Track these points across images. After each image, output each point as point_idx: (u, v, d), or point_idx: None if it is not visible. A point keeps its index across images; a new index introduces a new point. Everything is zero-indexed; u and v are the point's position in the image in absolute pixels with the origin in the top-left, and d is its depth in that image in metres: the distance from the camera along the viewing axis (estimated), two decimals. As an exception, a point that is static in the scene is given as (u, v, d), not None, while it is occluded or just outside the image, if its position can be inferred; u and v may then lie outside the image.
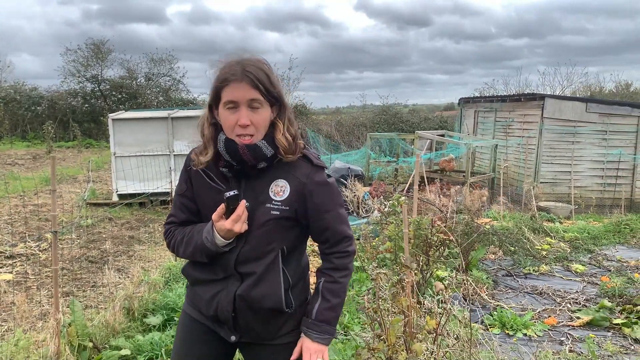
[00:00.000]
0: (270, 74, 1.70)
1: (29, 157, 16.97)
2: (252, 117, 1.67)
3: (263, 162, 1.73)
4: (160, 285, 4.96)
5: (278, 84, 1.74)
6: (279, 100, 1.75)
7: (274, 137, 1.73)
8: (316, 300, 1.85)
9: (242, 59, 1.70)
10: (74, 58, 25.93)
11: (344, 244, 1.87)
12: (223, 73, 1.67)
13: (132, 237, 7.65)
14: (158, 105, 25.42)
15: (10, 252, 6.41)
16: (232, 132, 1.69)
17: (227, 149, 1.70)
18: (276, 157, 1.75)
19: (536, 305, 5.12)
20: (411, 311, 2.85)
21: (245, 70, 1.65)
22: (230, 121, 1.68)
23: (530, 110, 12.55)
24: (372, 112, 27.47)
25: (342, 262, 1.87)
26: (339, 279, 1.86)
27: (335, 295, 1.85)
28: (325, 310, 1.83)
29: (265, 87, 1.67)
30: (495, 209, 9.52)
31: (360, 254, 5.60)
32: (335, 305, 1.85)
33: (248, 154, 1.69)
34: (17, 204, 9.38)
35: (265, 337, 1.87)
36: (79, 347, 3.48)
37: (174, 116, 10.09)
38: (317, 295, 1.85)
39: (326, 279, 1.85)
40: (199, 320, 1.91)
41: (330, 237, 1.85)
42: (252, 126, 1.67)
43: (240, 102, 1.65)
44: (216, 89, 1.68)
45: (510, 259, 6.60)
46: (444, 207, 6.10)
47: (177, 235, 1.85)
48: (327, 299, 1.83)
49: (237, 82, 1.64)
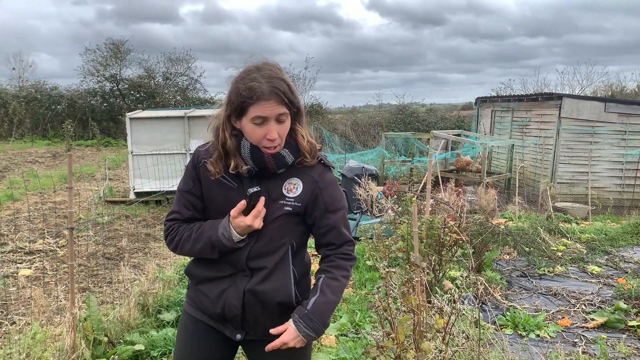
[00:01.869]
0: (290, 84, 1.73)
1: (49, 155, 17.24)
2: (279, 130, 1.71)
3: (283, 168, 1.79)
4: (175, 282, 5.03)
5: (297, 92, 1.77)
6: (298, 107, 1.78)
7: (298, 143, 1.79)
8: (314, 294, 1.81)
9: (263, 69, 1.70)
10: (93, 58, 26.34)
11: (347, 247, 1.88)
12: (249, 90, 1.66)
13: (148, 235, 7.75)
14: (175, 104, 25.65)
15: (29, 248, 6.53)
16: (259, 144, 1.73)
17: (252, 156, 1.74)
18: (295, 162, 1.80)
19: (550, 307, 5.08)
20: (421, 310, 2.86)
21: (272, 87, 1.66)
22: (258, 135, 1.71)
23: (548, 110, 12.42)
24: (389, 112, 27.41)
25: (345, 263, 1.87)
26: (340, 277, 1.85)
27: (334, 292, 1.82)
28: (321, 305, 1.79)
29: (290, 100, 1.70)
30: (510, 209, 9.46)
31: (373, 253, 5.61)
32: (332, 302, 1.81)
33: (272, 162, 1.74)
34: (37, 201, 9.55)
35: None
36: (94, 341, 3.54)
37: (190, 115, 10.18)
38: (316, 289, 1.82)
39: (327, 276, 1.84)
40: (201, 321, 1.92)
41: (334, 239, 1.86)
42: (279, 138, 1.72)
43: (269, 118, 1.69)
44: (242, 104, 1.68)
45: (525, 259, 6.56)
46: (458, 207, 6.07)
47: (182, 231, 1.85)
48: (325, 294, 1.80)
49: (265, 100, 1.65)
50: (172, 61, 27.63)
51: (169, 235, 1.88)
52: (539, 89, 29.40)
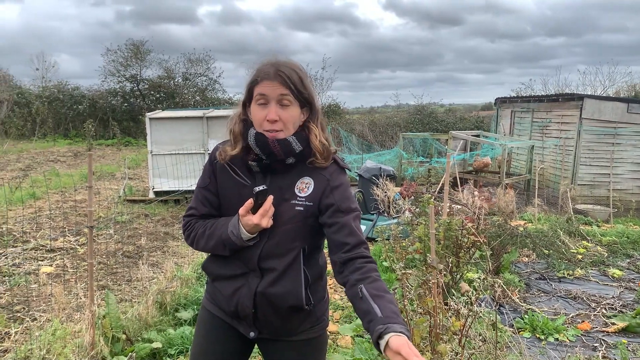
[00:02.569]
0: (303, 77, 1.74)
1: (70, 154, 17.51)
2: (281, 114, 1.71)
3: (292, 157, 1.76)
4: (192, 280, 5.07)
5: (310, 87, 1.77)
6: (309, 102, 1.78)
7: (309, 140, 1.78)
8: (370, 304, 1.58)
9: (276, 60, 1.75)
10: (114, 58, 26.67)
11: (364, 249, 1.75)
12: (257, 72, 1.73)
13: (166, 233, 7.82)
14: (195, 104, 25.85)
15: (50, 246, 6.64)
16: (261, 127, 1.73)
17: (257, 142, 1.73)
18: (305, 155, 1.78)
19: (569, 310, 5.01)
20: (437, 312, 2.85)
21: (278, 70, 1.69)
22: (259, 116, 1.72)
23: (569, 110, 12.26)
24: (407, 112, 27.28)
25: (371, 265, 1.71)
26: (378, 278, 1.67)
27: (385, 291, 1.63)
28: (387, 304, 1.57)
29: (296, 87, 1.71)
30: (530, 211, 9.35)
31: (390, 254, 5.59)
32: (392, 299, 1.60)
33: (278, 147, 1.72)
34: (58, 200, 9.71)
35: (284, 333, 1.89)
36: (112, 338, 3.59)
37: (209, 115, 10.26)
38: (368, 300, 1.60)
39: (365, 283, 1.64)
40: (218, 316, 1.94)
41: (349, 239, 1.74)
42: (280, 122, 1.71)
43: (270, 97, 1.70)
44: (249, 87, 1.75)
45: (544, 262, 6.48)
46: (477, 208, 6.02)
47: (197, 228, 1.87)
48: (381, 296, 1.59)
49: (269, 80, 1.69)
50: (191, 62, 27.87)
51: (186, 230, 1.91)
52: (560, 89, 28.98)
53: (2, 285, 5.22)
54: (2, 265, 5.81)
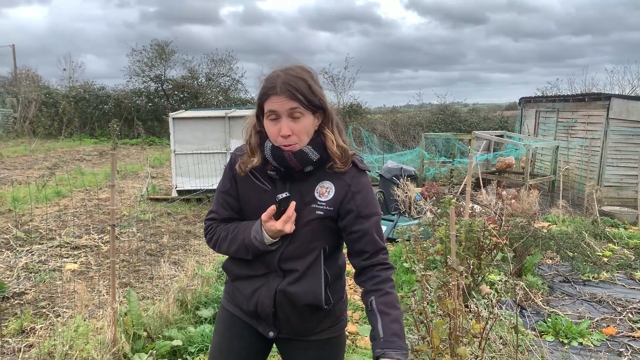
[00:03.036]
0: (311, 83, 1.72)
1: (95, 153, 17.79)
2: (293, 127, 1.70)
3: (310, 166, 1.77)
4: (213, 279, 5.11)
5: (320, 92, 1.75)
6: (321, 107, 1.76)
7: (326, 147, 1.77)
8: (376, 320, 1.70)
9: (283, 69, 1.73)
10: (139, 58, 27.01)
11: (383, 256, 1.80)
12: (264, 86, 1.72)
13: (188, 232, 7.90)
14: (218, 104, 26.04)
15: (75, 244, 6.76)
16: (276, 142, 1.74)
17: (274, 155, 1.75)
18: (323, 161, 1.78)
19: (594, 314, 4.92)
20: (457, 314, 2.82)
21: (284, 83, 1.67)
22: (273, 131, 1.72)
23: (595, 110, 12.02)
24: (429, 112, 27.06)
25: (387, 274, 1.78)
26: (390, 290, 1.75)
27: (392, 307, 1.72)
28: (390, 324, 1.69)
29: (305, 97, 1.69)
30: (554, 212, 9.20)
31: (410, 256, 5.55)
32: (397, 316, 1.71)
33: (294, 160, 1.73)
34: (83, 198, 9.87)
35: (303, 332, 1.90)
36: (134, 335, 3.64)
37: (231, 115, 10.32)
38: (375, 314, 1.71)
39: (376, 296, 1.74)
40: (237, 316, 1.95)
41: (368, 247, 1.79)
42: (293, 136, 1.71)
43: (280, 113, 1.69)
44: (259, 102, 1.75)
45: (569, 264, 6.37)
46: (500, 209, 5.94)
47: (219, 232, 1.89)
48: (387, 313, 1.70)
49: (276, 95, 1.68)
50: (214, 62, 28.08)
51: (208, 234, 1.93)
52: (587, 89, 28.41)
53: (28, 282, 5.33)
54: (29, 262, 5.93)
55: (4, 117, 23.21)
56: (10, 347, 3.89)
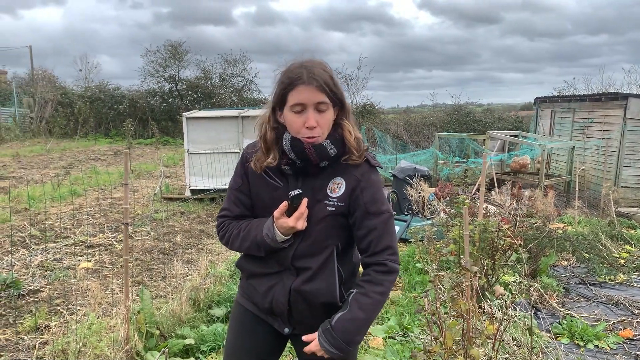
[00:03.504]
0: (333, 76, 1.74)
1: (110, 153, 17.94)
2: (319, 119, 1.70)
3: (326, 161, 1.76)
4: (226, 278, 5.11)
5: (340, 85, 1.76)
6: (341, 101, 1.77)
7: (344, 138, 1.77)
8: (343, 309, 1.78)
9: (305, 61, 1.73)
10: (153, 59, 27.20)
11: (386, 255, 1.78)
12: (289, 77, 1.70)
13: (201, 231, 7.93)
14: (231, 104, 26.13)
15: (89, 242, 6.81)
16: (298, 134, 1.72)
17: (293, 147, 1.74)
18: (339, 157, 1.78)
19: (611, 316, 4.85)
20: (470, 315, 2.79)
21: (311, 73, 1.68)
22: (297, 123, 1.71)
23: (612, 110, 11.86)
24: (443, 112, 26.93)
25: (380, 277, 1.78)
26: (371, 293, 1.76)
27: (362, 308, 1.75)
28: (346, 321, 1.75)
29: (331, 89, 1.70)
30: (570, 213, 9.10)
31: (424, 256, 5.52)
32: (358, 319, 1.74)
33: (314, 153, 1.72)
34: (98, 197, 9.95)
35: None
36: (146, 334, 3.65)
37: (244, 115, 10.35)
38: (345, 305, 1.79)
39: (358, 290, 1.78)
40: (252, 312, 1.96)
41: (372, 244, 1.78)
42: (318, 128, 1.71)
43: (307, 105, 1.68)
44: (282, 92, 1.72)
45: (584, 266, 6.28)
46: (514, 210, 5.89)
47: (231, 229, 1.89)
48: (352, 311, 1.75)
49: (304, 85, 1.67)
50: (228, 62, 28.17)
51: (220, 231, 1.94)
52: (604, 88, 28.08)
53: (43, 280, 5.38)
54: (44, 260, 5.98)
55: (20, 117, 23.49)
56: (25, 343, 3.93)
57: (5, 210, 8.10)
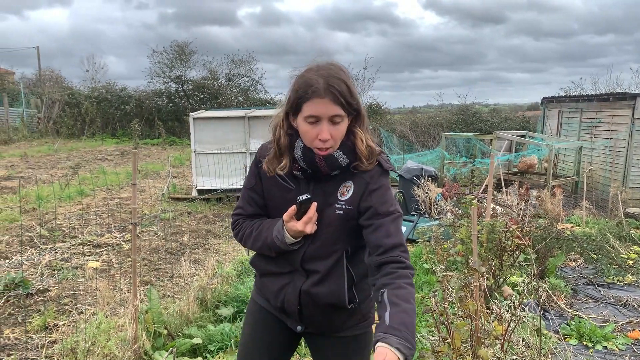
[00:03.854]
0: (351, 86, 1.69)
1: (117, 153, 18.00)
2: (332, 132, 1.68)
3: (337, 170, 1.77)
4: (233, 277, 5.13)
5: (357, 94, 1.73)
6: (357, 110, 1.74)
7: (356, 146, 1.75)
8: (385, 309, 1.56)
9: (322, 68, 1.69)
10: (160, 59, 27.25)
11: (399, 252, 1.69)
12: (304, 86, 1.65)
13: (208, 231, 7.94)
14: (238, 105, 26.15)
15: (97, 242, 6.84)
16: (312, 144, 1.71)
17: (304, 157, 1.74)
18: (350, 164, 1.77)
19: (619, 317, 4.82)
20: (479, 316, 2.78)
21: (328, 85, 1.63)
22: (310, 135, 1.69)
23: (620, 110, 11.80)
24: (450, 112, 26.85)
25: (401, 271, 1.65)
26: (404, 285, 1.61)
27: (404, 299, 1.58)
28: (399, 313, 1.53)
29: (347, 101, 1.66)
30: (577, 214, 9.05)
31: (431, 256, 5.51)
32: (408, 309, 1.55)
33: (324, 164, 1.72)
34: (105, 197, 9.99)
35: (330, 329, 1.93)
36: (154, 333, 3.67)
37: (250, 115, 10.36)
38: (385, 306, 1.57)
39: (389, 288, 1.60)
40: (266, 309, 1.99)
41: (383, 241, 1.69)
42: (331, 140, 1.69)
43: (322, 118, 1.66)
44: (297, 101, 1.68)
45: (592, 267, 6.25)
46: (521, 210, 5.86)
47: (245, 227, 1.91)
48: (397, 304, 1.55)
49: (319, 97, 1.63)
50: (234, 63, 28.21)
51: (234, 229, 1.96)
52: (611, 88, 27.92)
53: (51, 279, 5.41)
54: (52, 259, 6.01)
55: (28, 117, 23.62)
56: (34, 343, 3.95)
57: (14, 210, 8.15)
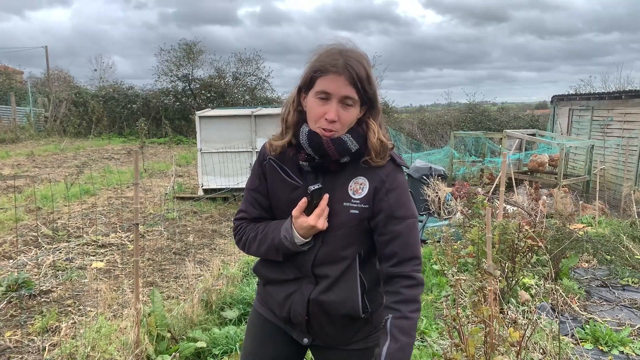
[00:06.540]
0: (370, 73, 1.60)
1: (124, 152, 17.98)
2: (341, 114, 1.58)
3: (347, 156, 1.64)
4: (239, 279, 5.03)
5: (375, 84, 1.64)
6: (372, 100, 1.64)
7: (368, 138, 1.65)
8: (385, 341, 1.61)
9: (345, 49, 1.61)
10: (167, 58, 27.27)
11: (413, 265, 1.65)
12: (323, 61, 1.58)
13: (214, 231, 7.86)
14: (244, 103, 26.13)
15: (102, 242, 6.77)
16: (316, 123, 1.61)
17: (310, 142, 1.62)
18: (360, 154, 1.66)
19: (635, 321, 4.68)
20: (493, 321, 2.67)
21: (346, 64, 1.55)
22: (317, 112, 1.59)
23: (632, 108, 11.62)
24: (458, 111, 26.71)
25: (412, 293, 1.63)
26: (409, 314, 1.62)
27: (405, 333, 1.61)
28: (395, 352, 1.59)
29: (363, 86, 1.58)
30: (590, 214, 8.90)
31: (440, 257, 5.39)
32: (405, 345, 1.60)
33: (333, 148, 1.60)
34: (111, 196, 9.93)
35: (340, 341, 1.79)
36: (157, 336, 3.57)
37: (256, 114, 10.28)
38: (386, 335, 1.61)
39: (394, 315, 1.62)
40: (270, 320, 1.85)
41: (398, 252, 1.64)
42: (338, 123, 1.59)
43: (333, 95, 1.57)
44: (312, 75, 1.60)
45: (606, 268, 6.11)
46: (533, 210, 5.74)
47: (248, 232, 1.78)
48: (397, 339, 1.59)
49: (335, 74, 1.55)
50: (241, 61, 28.19)
51: (237, 234, 1.82)
52: (622, 86, 27.66)
53: (55, 280, 5.33)
54: (56, 259, 5.94)
55: (35, 116, 23.67)
56: (35, 345, 3.87)
57: (18, 209, 8.10)
